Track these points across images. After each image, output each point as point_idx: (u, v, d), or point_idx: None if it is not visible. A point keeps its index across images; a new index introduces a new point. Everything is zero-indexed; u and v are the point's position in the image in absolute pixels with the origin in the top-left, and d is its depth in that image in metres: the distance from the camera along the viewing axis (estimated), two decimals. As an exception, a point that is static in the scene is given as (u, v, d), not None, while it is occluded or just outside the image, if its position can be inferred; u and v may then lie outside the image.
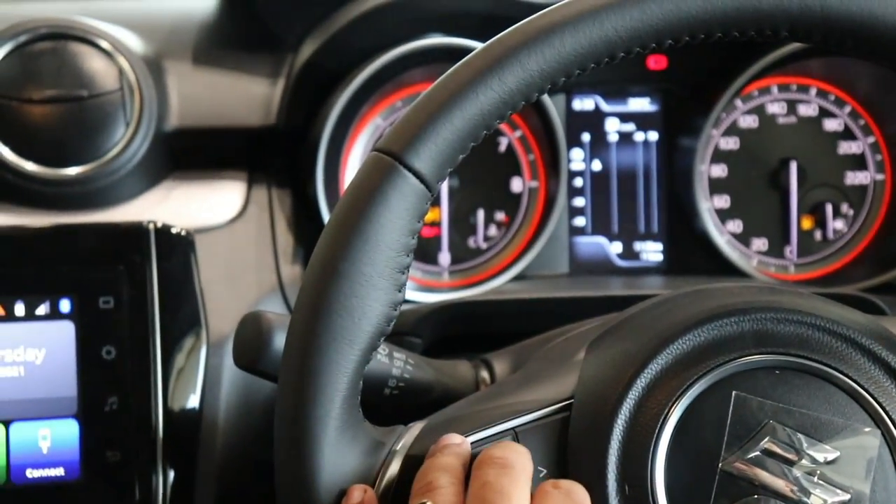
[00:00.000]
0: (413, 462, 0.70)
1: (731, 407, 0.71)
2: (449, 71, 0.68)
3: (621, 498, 0.68)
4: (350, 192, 0.69)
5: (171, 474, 1.00)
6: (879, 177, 1.17)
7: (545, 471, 0.70)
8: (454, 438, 0.69)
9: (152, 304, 1.01)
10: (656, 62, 1.15)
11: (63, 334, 1.00)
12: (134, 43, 1.07)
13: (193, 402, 1.01)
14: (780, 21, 0.68)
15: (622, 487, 0.69)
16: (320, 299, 0.68)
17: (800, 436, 0.70)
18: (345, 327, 0.69)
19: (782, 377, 0.72)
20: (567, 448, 0.72)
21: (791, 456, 0.69)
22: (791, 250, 1.17)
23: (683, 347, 0.73)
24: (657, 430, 0.71)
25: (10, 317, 0.98)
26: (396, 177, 0.68)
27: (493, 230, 1.13)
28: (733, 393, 0.71)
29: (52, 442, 0.99)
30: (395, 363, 0.84)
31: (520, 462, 0.66)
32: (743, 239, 1.17)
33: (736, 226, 1.17)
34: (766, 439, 0.70)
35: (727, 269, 1.13)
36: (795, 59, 1.09)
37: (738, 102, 1.16)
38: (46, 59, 1.04)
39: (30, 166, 1.02)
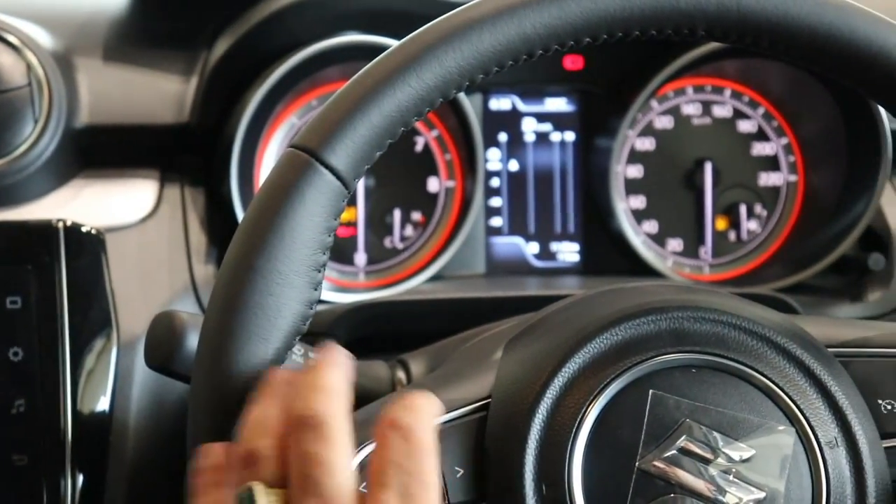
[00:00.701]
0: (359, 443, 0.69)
1: (647, 406, 0.72)
2: (366, 67, 0.67)
3: (539, 498, 0.69)
4: (265, 189, 0.68)
5: (81, 478, 0.98)
6: (792, 178, 1.19)
7: (462, 471, 0.70)
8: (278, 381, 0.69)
9: (61, 304, 0.99)
10: (573, 62, 1.14)
11: None
12: (43, 38, 1.06)
13: (103, 404, 1.00)
14: (698, 20, 0.69)
15: (539, 487, 0.70)
16: (234, 297, 0.67)
17: (716, 434, 0.71)
18: (259, 325, 0.68)
19: (699, 375, 0.73)
20: (484, 448, 0.72)
21: (707, 454, 0.70)
22: (706, 251, 1.18)
23: (600, 346, 0.73)
24: (574, 430, 0.71)
25: None
26: (312, 173, 0.67)
27: (409, 230, 1.13)
28: (650, 392, 0.72)
29: (-44, 445, 0.97)
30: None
31: (331, 410, 0.73)
32: (658, 239, 1.18)
33: (651, 226, 1.17)
34: (682, 438, 0.71)
35: (643, 269, 1.13)
36: (710, 60, 1.10)
37: (654, 103, 1.16)
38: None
39: None
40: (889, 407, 0.76)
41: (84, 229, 1.03)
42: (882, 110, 1.14)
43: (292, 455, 0.59)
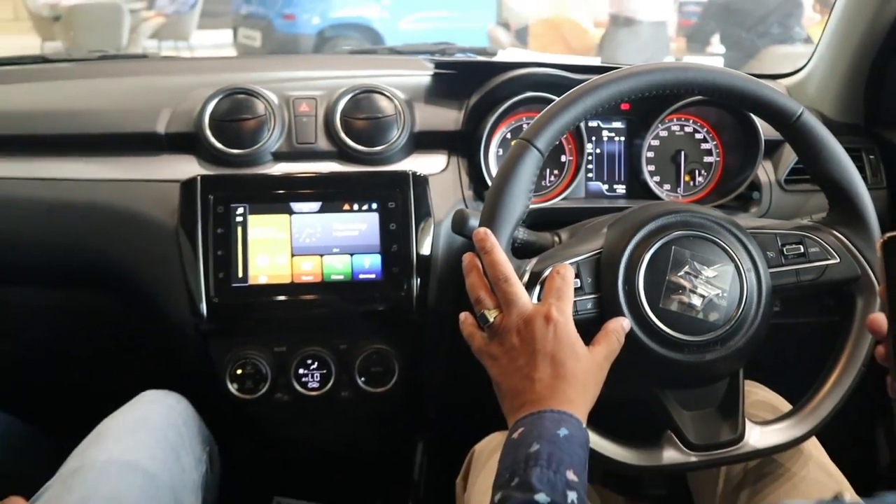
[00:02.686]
0: (534, 276, 1.20)
1: (671, 253, 1.21)
2: (554, 101, 1.22)
3: (624, 293, 1.19)
4: (508, 157, 1.21)
5: (417, 282, 1.59)
6: (717, 159, 1.76)
7: (591, 280, 1.20)
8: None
9: (410, 207, 1.55)
10: (624, 105, 1.68)
11: (372, 219, 1.56)
12: (399, 94, 1.66)
13: (426, 248, 1.57)
14: (693, 88, 1.27)
15: (624, 288, 1.20)
16: (493, 204, 1.20)
17: (698, 265, 1.21)
18: (504, 217, 1.21)
19: (692, 241, 1.23)
20: (598, 271, 1.22)
21: (696, 273, 1.21)
22: (680, 191, 1.74)
23: (649, 228, 1.23)
24: (639, 263, 1.21)
25: (350, 210, 1.55)
26: (527, 150, 1.21)
27: (553, 177, 1.69)
28: (673, 247, 1.22)
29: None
30: (520, 232, 1.29)
31: (508, 271, 1.15)
32: (659, 185, 1.73)
33: (657, 179, 1.73)
34: (685, 267, 1.21)
35: (653, 197, 1.69)
36: (684, 107, 1.64)
37: (660, 125, 1.70)
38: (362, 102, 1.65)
39: (362, 147, 1.61)
40: (770, 255, 1.26)
41: (419, 174, 1.59)
42: (759, 124, 1.62)
43: (498, 291, 1.14)
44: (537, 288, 1.17)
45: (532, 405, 1.06)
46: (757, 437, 1.25)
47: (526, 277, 1.18)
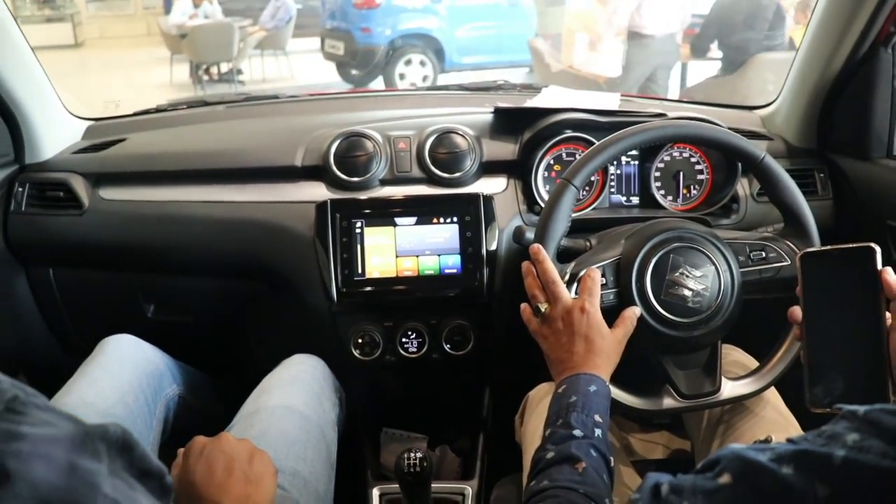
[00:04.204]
0: (572, 276, 1.34)
1: (670, 259, 1.34)
2: (589, 149, 1.39)
3: (636, 288, 1.33)
4: (553, 192, 1.37)
5: (486, 271, 1.73)
6: (706, 177, 1.83)
7: (612, 278, 1.36)
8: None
9: (480, 220, 1.68)
10: None
11: (454, 229, 1.70)
12: (469, 132, 1.80)
13: (493, 255, 1.72)
14: (687, 140, 1.55)
15: (636, 285, 1.34)
16: (544, 224, 1.37)
17: (689, 267, 1.35)
18: (551, 233, 1.37)
19: (685, 250, 1.36)
20: (619, 272, 1.36)
21: (687, 274, 1.35)
22: (679, 201, 1.81)
23: (658, 239, 1.36)
24: (647, 266, 1.35)
25: (438, 222, 1.70)
26: (567, 187, 1.37)
27: (583, 193, 1.76)
28: (671, 255, 1.35)
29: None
30: (562, 242, 1.40)
31: (554, 276, 1.31)
32: (664, 197, 1.81)
33: (662, 192, 1.82)
34: (680, 269, 1.35)
35: (659, 206, 1.79)
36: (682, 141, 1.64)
37: (664, 153, 1.81)
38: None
39: (445, 174, 1.77)
40: (741, 258, 1.38)
41: (486, 195, 1.71)
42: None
43: (548, 290, 1.31)
44: (575, 285, 1.33)
45: (572, 370, 1.26)
46: (730, 389, 1.41)
47: (567, 277, 1.34)
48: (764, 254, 1.43)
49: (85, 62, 12.29)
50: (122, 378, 1.52)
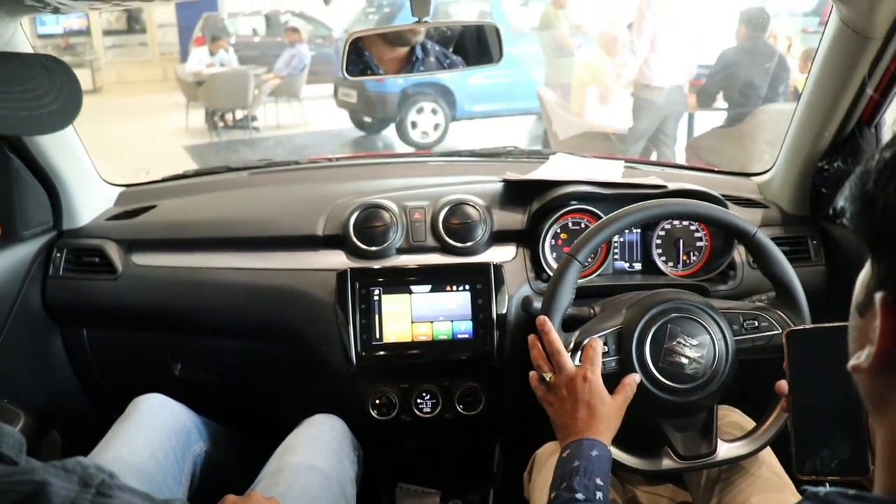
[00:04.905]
0: (576, 345, 1.42)
1: (668, 329, 1.43)
2: (593, 226, 1.48)
3: (636, 356, 1.41)
4: (559, 267, 1.47)
5: (497, 334, 1.80)
6: (705, 244, 1.90)
7: (614, 347, 1.44)
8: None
9: (491, 288, 1.77)
10: None
11: (466, 296, 1.79)
12: (481, 202, 1.90)
13: (502, 323, 1.82)
14: (685, 217, 1.74)
15: (636, 353, 1.42)
16: (550, 297, 1.46)
17: (685, 336, 1.43)
18: (557, 306, 1.46)
19: (682, 320, 1.44)
20: (620, 341, 1.44)
21: (684, 342, 1.43)
22: (679, 267, 1.89)
23: (657, 310, 1.45)
24: (646, 336, 1.43)
25: (451, 290, 1.79)
26: (572, 263, 1.47)
27: (589, 259, 1.80)
28: (668, 325, 1.44)
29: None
30: (568, 309, 1.49)
31: (559, 346, 1.40)
32: (665, 263, 1.89)
33: (663, 259, 1.89)
34: (677, 338, 1.43)
35: (660, 272, 1.87)
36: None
37: (666, 223, 1.88)
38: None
39: (457, 244, 1.86)
40: (735, 327, 1.46)
41: (497, 264, 1.80)
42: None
43: (552, 360, 1.41)
44: (579, 353, 1.42)
45: (575, 435, 1.35)
46: (725, 450, 1.48)
47: (571, 346, 1.43)
48: (756, 323, 1.51)
49: (103, 107, 12.50)
50: (154, 436, 1.62)
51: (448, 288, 1.80)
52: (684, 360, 1.42)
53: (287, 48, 11.04)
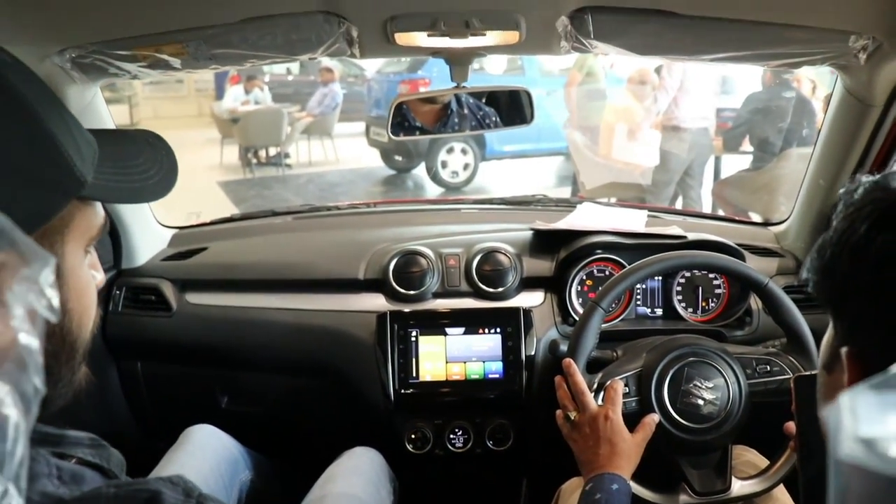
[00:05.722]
0: (599, 386, 1.50)
1: (685, 372, 1.51)
2: (616, 276, 1.60)
3: (655, 398, 1.50)
4: (584, 312, 1.59)
5: (524, 375, 1.97)
6: (723, 291, 1.98)
7: (634, 388, 1.52)
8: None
9: (521, 331, 1.87)
10: None
11: (497, 338, 1.90)
12: (509, 248, 2.04)
13: (529, 366, 1.91)
14: (702, 268, 1.83)
15: (655, 394, 1.51)
16: (575, 341, 1.58)
17: (702, 380, 1.51)
18: (582, 349, 1.57)
19: (699, 364, 1.52)
20: (640, 383, 1.52)
21: (700, 385, 1.51)
22: (698, 313, 1.98)
23: (675, 354, 1.53)
24: (665, 378, 1.52)
25: (484, 332, 1.91)
26: (596, 310, 1.59)
27: (613, 304, 1.93)
28: (686, 368, 1.52)
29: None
30: (592, 352, 1.57)
31: (584, 387, 1.50)
32: (685, 309, 1.98)
33: (683, 305, 1.99)
34: (694, 381, 1.51)
35: (680, 318, 1.97)
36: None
37: (686, 272, 1.97)
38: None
39: (489, 289, 1.99)
40: (748, 371, 1.54)
41: (526, 308, 1.92)
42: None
43: (577, 400, 1.52)
44: (601, 393, 1.51)
45: (598, 470, 1.45)
46: (739, 487, 1.53)
47: (594, 386, 1.51)
48: (769, 367, 1.59)
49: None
50: (205, 464, 1.73)
51: (480, 330, 1.90)
52: (700, 402, 1.49)
53: (320, 87, 11.21)
